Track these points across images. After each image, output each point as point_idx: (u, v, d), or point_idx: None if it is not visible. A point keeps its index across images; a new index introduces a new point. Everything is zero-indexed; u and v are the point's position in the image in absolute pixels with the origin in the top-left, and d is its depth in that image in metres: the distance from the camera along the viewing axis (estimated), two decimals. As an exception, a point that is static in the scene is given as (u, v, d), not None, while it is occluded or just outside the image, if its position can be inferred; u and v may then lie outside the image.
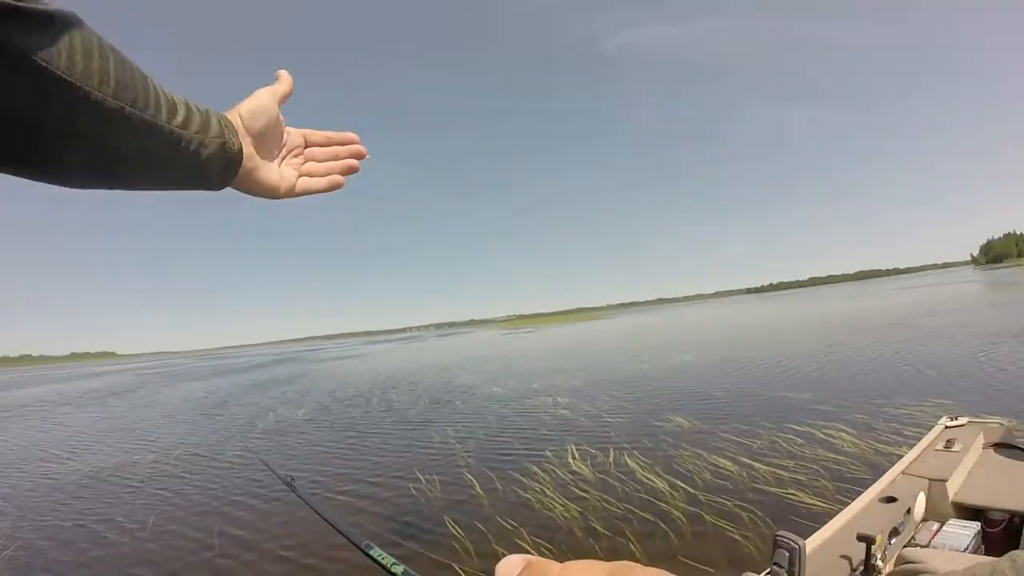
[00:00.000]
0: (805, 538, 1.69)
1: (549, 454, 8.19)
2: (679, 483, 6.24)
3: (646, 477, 6.58)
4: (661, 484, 6.24)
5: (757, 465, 6.55)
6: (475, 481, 7.14)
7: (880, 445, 6.78)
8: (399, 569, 1.47)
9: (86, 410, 22.87)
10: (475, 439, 10.02)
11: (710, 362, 18.36)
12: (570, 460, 7.70)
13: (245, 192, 0.75)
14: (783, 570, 1.61)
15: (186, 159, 0.61)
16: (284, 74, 0.78)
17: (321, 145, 0.86)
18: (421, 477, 7.62)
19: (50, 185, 0.55)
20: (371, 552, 1.61)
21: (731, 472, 6.49)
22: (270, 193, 0.77)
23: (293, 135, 0.82)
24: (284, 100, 0.76)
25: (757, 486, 5.93)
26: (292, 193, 0.79)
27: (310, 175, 0.82)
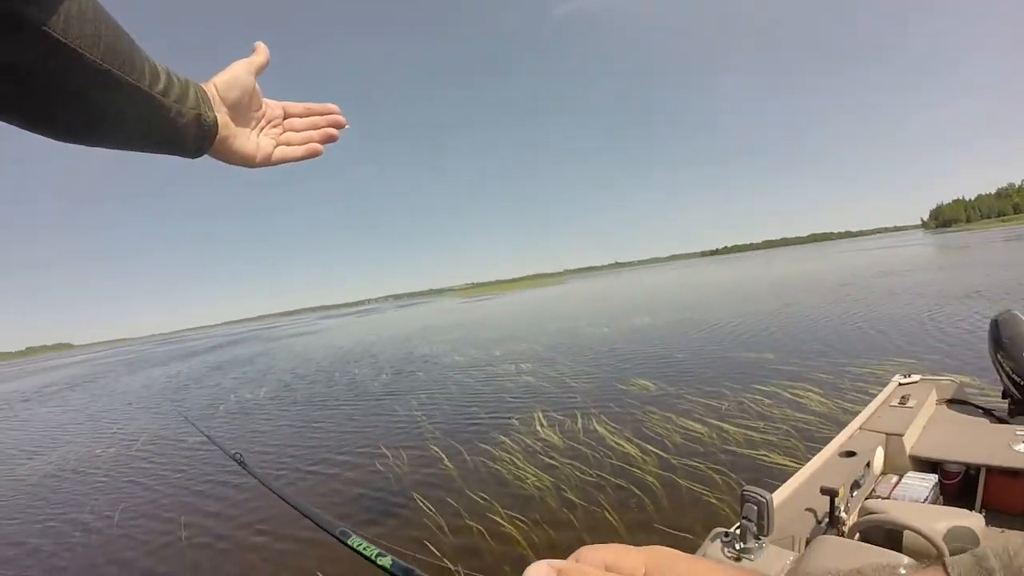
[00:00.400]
0: (771, 492, 1.73)
1: (516, 422, 8.09)
2: (650, 448, 6.18)
3: (616, 443, 6.52)
4: (632, 449, 6.19)
5: (726, 427, 6.55)
6: (443, 454, 6.98)
7: (846, 404, 6.81)
8: (386, 561, 1.30)
9: (45, 405, 21.92)
10: (440, 410, 9.86)
11: (669, 324, 18.56)
12: (538, 428, 7.61)
13: (221, 160, 0.76)
14: (752, 523, 1.66)
15: (165, 125, 0.63)
16: (260, 46, 0.78)
17: (300, 116, 0.86)
18: (388, 452, 7.45)
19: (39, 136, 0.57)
20: (348, 541, 1.46)
21: (701, 434, 6.47)
22: (246, 162, 0.77)
23: (272, 106, 0.82)
24: (260, 71, 0.76)
25: (728, 448, 5.93)
26: (269, 162, 0.80)
27: (288, 144, 0.82)
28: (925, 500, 2.47)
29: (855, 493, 2.51)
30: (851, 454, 2.72)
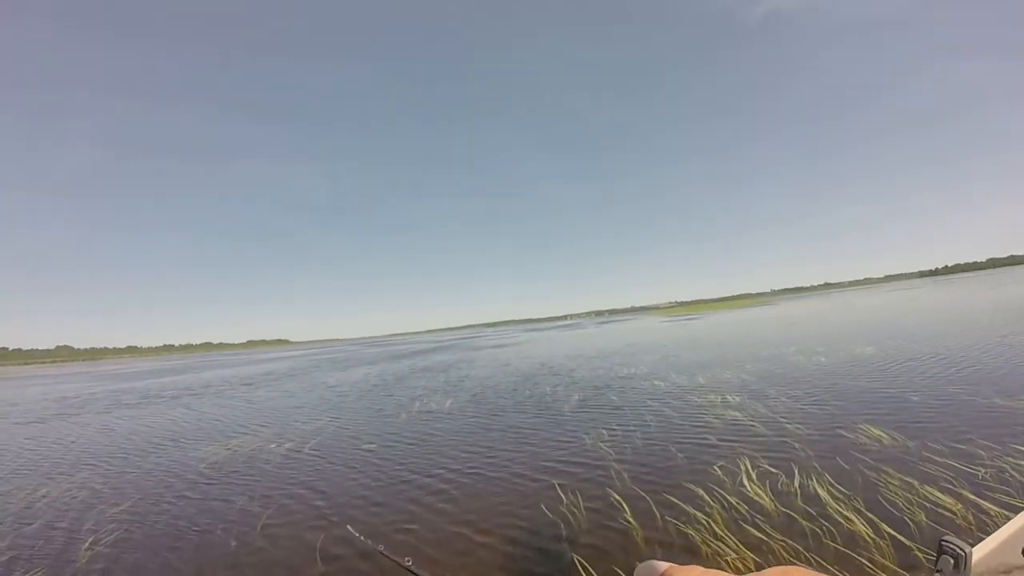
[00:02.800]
0: (973, 545, 1.46)
1: (718, 471, 7.02)
2: (887, 529, 4.89)
3: (843, 516, 5.28)
4: (862, 528, 4.94)
5: (987, 506, 5.10)
6: (625, 504, 6.09)
7: None
8: None
9: (230, 398, 23.75)
10: (630, 445, 8.87)
11: (895, 356, 16.07)
12: (744, 482, 6.51)
13: None
14: None
15: None
16: None
17: None
18: (563, 495, 6.73)
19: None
20: None
21: (954, 514, 5.08)
22: None
23: None
24: None
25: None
26: None
27: None
28: None
29: None
30: None
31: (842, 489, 5.96)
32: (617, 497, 6.35)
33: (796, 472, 6.66)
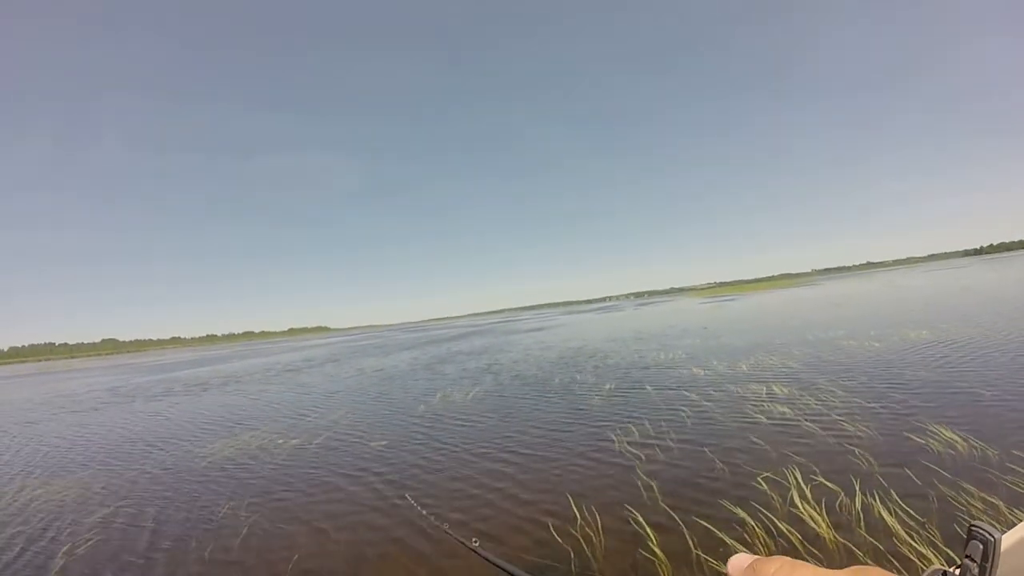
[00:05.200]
0: (1006, 529, 1.11)
1: (763, 485, 5.98)
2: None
3: (916, 551, 4.24)
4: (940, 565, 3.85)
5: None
6: (651, 532, 5.08)
7: None
8: None
9: (257, 389, 23.60)
10: (663, 448, 7.83)
11: (955, 341, 14.71)
12: (796, 500, 5.44)
13: None
14: (975, 563, 1.05)
15: None
16: None
17: None
18: (578, 512, 5.76)
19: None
20: None
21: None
22: None
23: None
24: None
25: None
26: None
27: None
28: None
29: None
30: None
31: (914, 514, 4.91)
32: (642, 520, 5.37)
33: (857, 488, 5.60)
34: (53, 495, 8.80)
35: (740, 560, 0.60)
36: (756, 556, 0.62)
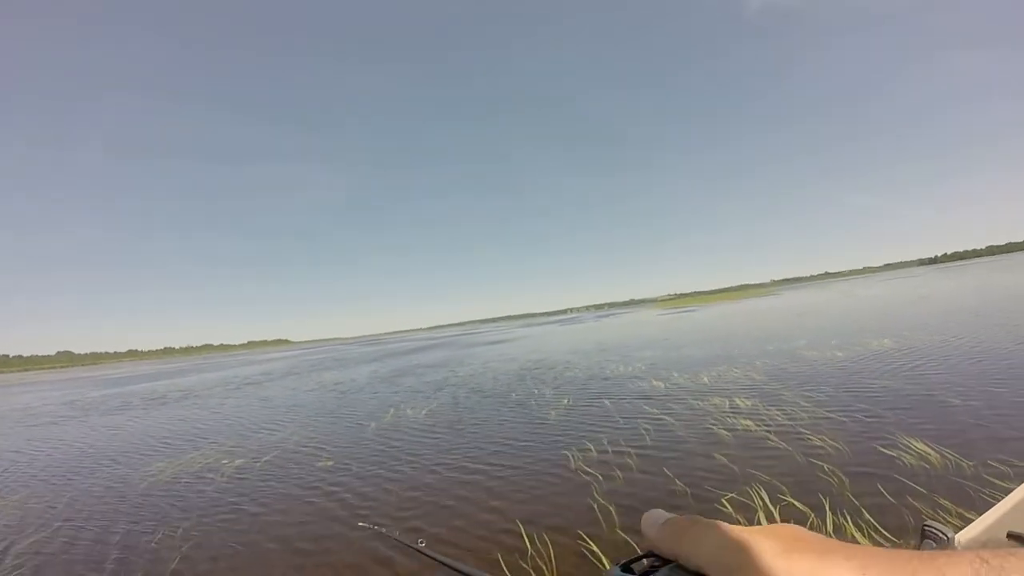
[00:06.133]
0: (955, 532, 1.21)
1: (728, 507, 5.45)
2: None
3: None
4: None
5: None
6: (605, 561, 4.52)
7: None
8: None
9: (205, 405, 22.89)
10: (622, 466, 7.25)
11: (918, 350, 14.51)
12: (763, 523, 4.86)
13: None
14: None
15: None
16: None
17: None
18: (528, 544, 5.14)
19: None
20: None
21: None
22: None
23: None
24: None
25: None
26: None
27: None
28: None
29: None
30: None
31: (888, 534, 4.46)
32: (596, 549, 4.80)
33: (827, 507, 5.12)
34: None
35: (655, 516, 0.60)
36: (671, 514, 0.62)
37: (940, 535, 1.22)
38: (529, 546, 5.07)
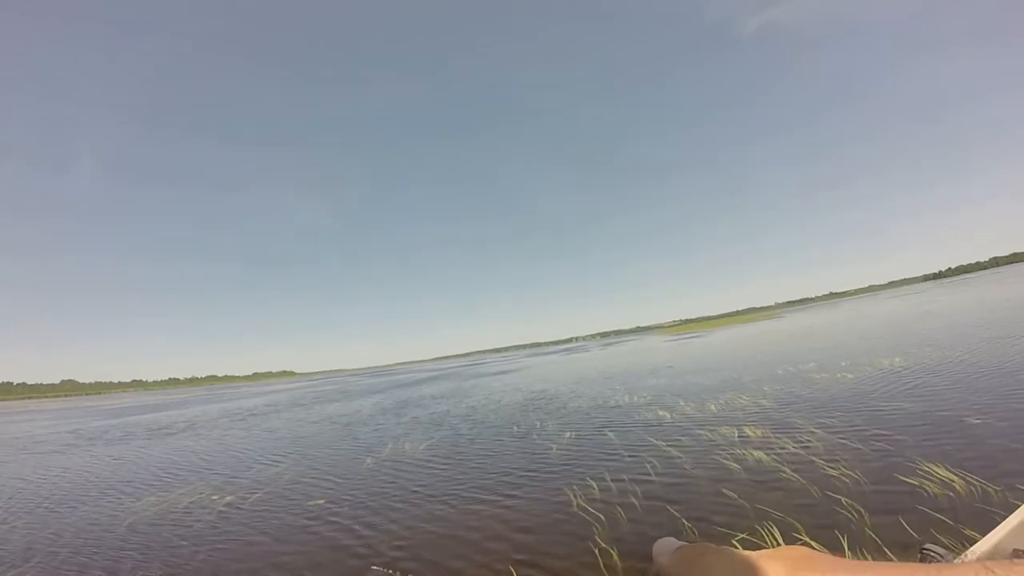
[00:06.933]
0: (957, 554, 1.22)
1: (738, 548, 4.99)
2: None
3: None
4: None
5: None
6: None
7: None
8: None
9: (205, 436, 22.45)
10: (626, 506, 6.76)
11: (929, 367, 14.10)
12: None
13: None
14: None
15: None
16: None
17: None
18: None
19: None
20: None
21: None
22: None
23: None
24: None
25: None
26: None
27: None
28: None
29: None
30: None
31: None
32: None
33: (846, 546, 4.70)
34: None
35: (666, 544, 0.62)
36: (682, 542, 0.65)
37: (938, 557, 1.18)
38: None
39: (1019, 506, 2.61)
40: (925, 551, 1.24)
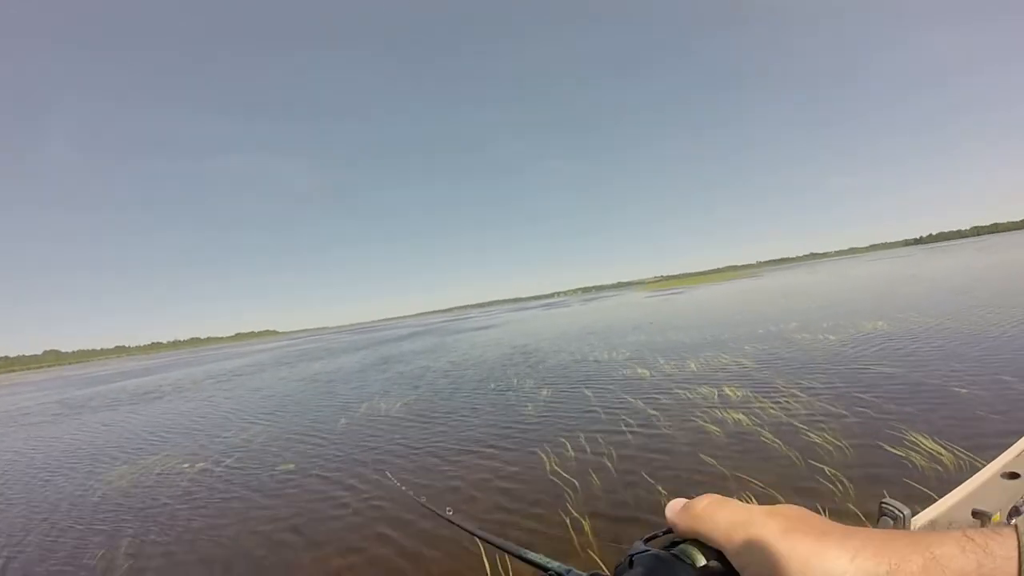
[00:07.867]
0: (915, 510, 1.34)
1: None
2: None
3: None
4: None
5: None
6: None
7: None
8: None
9: (183, 400, 22.31)
10: (601, 470, 6.52)
11: (914, 333, 13.81)
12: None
13: None
14: None
15: None
16: None
17: None
18: (487, 568, 4.44)
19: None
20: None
21: None
22: None
23: None
24: None
25: None
26: None
27: None
28: None
29: (1013, 521, 1.68)
30: (1014, 476, 2.19)
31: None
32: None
33: (830, 516, 4.45)
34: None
35: (676, 504, 0.59)
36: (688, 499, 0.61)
37: (897, 512, 1.18)
38: (488, 569, 4.39)
39: (981, 467, 2.47)
40: (884, 505, 1.24)
